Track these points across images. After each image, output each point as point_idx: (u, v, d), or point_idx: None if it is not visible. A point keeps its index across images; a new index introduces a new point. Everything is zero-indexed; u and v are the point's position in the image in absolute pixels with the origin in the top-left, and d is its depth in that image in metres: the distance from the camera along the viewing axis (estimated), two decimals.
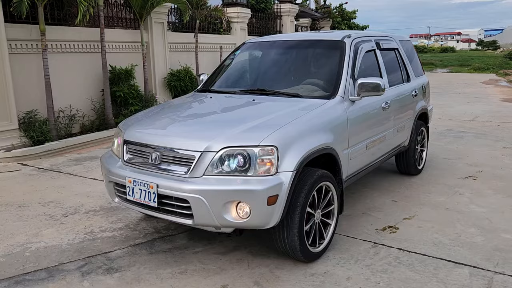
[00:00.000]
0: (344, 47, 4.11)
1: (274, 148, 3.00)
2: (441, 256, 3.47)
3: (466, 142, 7.54)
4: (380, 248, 3.63)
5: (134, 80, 9.16)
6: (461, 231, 3.94)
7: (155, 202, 3.11)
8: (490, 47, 75.09)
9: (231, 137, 3.07)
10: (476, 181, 5.35)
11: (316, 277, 3.20)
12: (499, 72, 24.19)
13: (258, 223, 2.99)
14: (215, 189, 2.94)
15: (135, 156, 3.41)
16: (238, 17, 12.85)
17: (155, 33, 9.94)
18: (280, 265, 3.36)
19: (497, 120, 9.64)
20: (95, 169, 6.25)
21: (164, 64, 10.31)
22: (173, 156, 3.15)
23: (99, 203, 4.80)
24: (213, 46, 12.05)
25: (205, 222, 3.02)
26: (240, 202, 2.95)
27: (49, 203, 4.86)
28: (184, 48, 11.14)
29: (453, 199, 4.76)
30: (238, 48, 4.87)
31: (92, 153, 7.31)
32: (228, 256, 3.53)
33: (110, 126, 8.54)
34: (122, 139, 3.54)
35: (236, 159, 3.00)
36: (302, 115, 3.38)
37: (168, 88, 10.38)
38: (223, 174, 3.01)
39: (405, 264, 3.36)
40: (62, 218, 4.41)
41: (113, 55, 8.92)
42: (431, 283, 3.09)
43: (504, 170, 5.83)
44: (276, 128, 3.12)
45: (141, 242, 3.82)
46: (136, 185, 3.19)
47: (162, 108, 4.05)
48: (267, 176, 2.97)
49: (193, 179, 3.03)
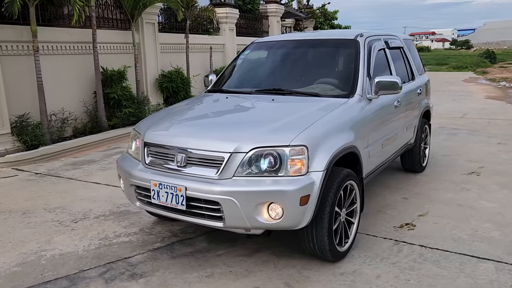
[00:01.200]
0: (358, 45, 4.12)
1: (305, 148, 2.97)
2: (464, 252, 3.51)
3: (461, 139, 7.68)
4: (402, 245, 3.65)
5: (126, 81, 9.00)
6: (477, 226, 3.99)
7: (183, 205, 3.04)
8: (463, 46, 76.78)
9: (260, 138, 3.03)
10: (480, 177, 5.45)
11: (346, 276, 3.19)
12: (477, 71, 24.79)
13: (290, 224, 2.96)
14: (247, 190, 2.89)
15: (157, 158, 3.33)
16: (227, 18, 12.78)
17: (146, 34, 9.79)
18: (307, 266, 3.34)
19: (485, 117, 9.85)
20: (95, 173, 6.11)
21: (155, 65, 10.16)
22: (201, 158, 3.09)
23: (108, 208, 4.68)
24: (203, 46, 11.96)
25: (236, 224, 2.98)
26: (272, 203, 2.91)
27: (54, 209, 4.71)
28: (175, 49, 11.02)
29: (462, 195, 4.83)
30: (246, 47, 4.83)
31: (89, 156, 7.15)
32: (253, 258, 3.49)
33: (103, 128, 8.38)
34: (141, 142, 3.46)
35: (267, 160, 2.96)
36: (326, 114, 3.37)
37: (160, 89, 10.24)
38: (253, 175, 2.97)
39: (430, 261, 3.38)
40: (72, 224, 4.28)
41: (104, 56, 8.74)
42: (460, 279, 3.12)
43: (503, 165, 5.95)
44: (304, 128, 3.10)
45: (160, 246, 3.74)
46: (162, 188, 3.11)
47: (179, 109, 3.97)
48: (298, 176, 2.94)
49: (223, 180, 2.97)
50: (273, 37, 4.87)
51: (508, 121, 9.33)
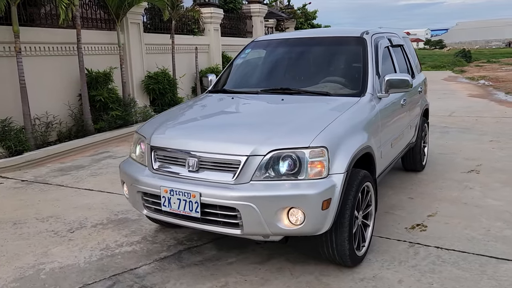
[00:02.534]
0: (365, 43, 4.02)
1: (325, 149, 2.84)
2: (480, 252, 3.44)
3: (453, 137, 7.70)
4: (418, 247, 3.56)
5: (112, 83, 8.71)
6: (488, 225, 3.94)
7: (197, 212, 2.87)
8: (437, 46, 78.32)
9: (278, 140, 2.88)
10: (480, 175, 5.43)
11: (366, 282, 3.07)
12: (454, 70, 25.22)
13: (311, 230, 2.82)
14: (267, 195, 2.74)
15: (166, 163, 3.15)
16: (211, 18, 12.58)
17: (132, 35, 9.52)
18: (324, 272, 3.21)
19: (472, 115, 9.94)
20: (86, 179, 5.85)
21: (141, 66, 9.90)
22: (215, 162, 2.93)
23: (105, 216, 4.45)
24: (188, 47, 11.72)
25: (255, 231, 2.82)
26: (293, 208, 2.77)
27: (47, 218, 4.45)
28: (160, 49, 10.76)
29: (467, 193, 4.79)
30: (246, 46, 4.67)
31: (76, 162, 6.87)
32: (266, 265, 3.34)
33: (89, 132, 8.08)
34: (147, 146, 3.27)
35: (286, 163, 2.82)
36: (341, 114, 3.25)
37: (146, 91, 9.97)
38: (271, 179, 2.82)
39: (449, 263, 3.29)
40: (69, 234, 4.05)
41: (89, 57, 8.44)
42: (483, 281, 3.04)
43: (500, 162, 5.96)
44: (322, 128, 2.97)
45: (167, 255, 3.54)
46: (174, 195, 2.93)
47: (184, 111, 3.78)
48: (319, 179, 2.81)
49: (240, 185, 2.82)
50: (274, 35, 4.74)
51: (495, 118, 9.43)
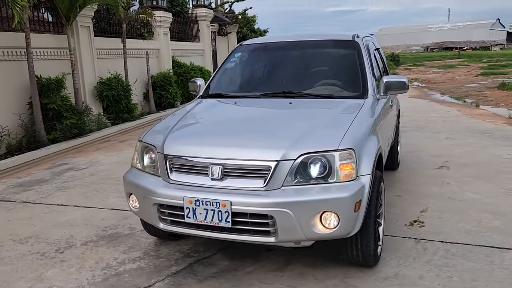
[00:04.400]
0: (359, 46, 4.10)
1: (352, 151, 2.84)
2: (482, 243, 3.62)
3: (412, 135, 8.10)
4: (424, 243, 3.67)
5: (65, 90, 8.16)
6: (478, 217, 4.16)
7: (228, 222, 2.74)
8: None
9: (306, 143, 2.84)
10: (450, 171, 5.74)
11: (391, 280, 3.11)
12: None
13: (344, 232, 2.80)
14: (303, 201, 2.69)
15: (185, 172, 2.97)
16: (161, 21, 12.21)
17: (82, 38, 8.98)
18: (347, 274, 3.20)
19: (420, 114, 10.52)
20: (54, 194, 5.41)
21: (92, 72, 9.37)
22: (242, 169, 2.82)
23: (92, 232, 4.13)
24: (139, 51, 11.29)
25: (290, 237, 2.75)
26: (326, 211, 2.73)
27: (26, 239, 4.05)
28: (111, 54, 10.26)
29: (446, 189, 5.04)
30: (235, 50, 4.57)
31: (34, 176, 6.33)
32: (287, 271, 3.27)
33: (42, 143, 7.50)
34: (159, 155, 3.07)
35: (317, 166, 2.79)
36: (356, 116, 3.27)
37: (99, 98, 9.46)
38: (302, 183, 2.78)
39: (459, 256, 3.43)
40: (58, 254, 3.70)
41: (38, 63, 7.83)
42: (495, 271, 3.19)
43: (463, 158, 6.35)
44: (345, 131, 2.97)
45: (179, 270, 3.35)
46: (200, 205, 2.78)
47: (188, 118, 3.57)
48: (349, 182, 2.80)
49: (272, 191, 2.74)
50: (263, 38, 4.70)
51: (442, 117, 10.06)
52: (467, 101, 12.59)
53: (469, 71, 24.41)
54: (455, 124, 9.16)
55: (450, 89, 15.96)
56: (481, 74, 21.73)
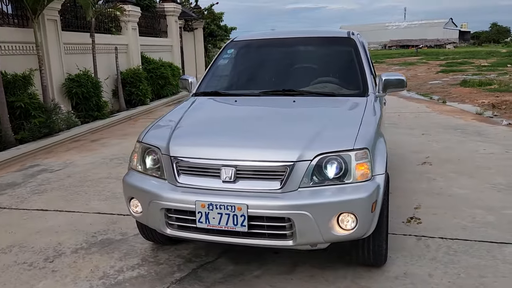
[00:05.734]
0: (355, 43, 4.07)
1: (367, 150, 2.80)
2: (481, 239, 3.68)
3: (389, 132, 8.12)
4: (425, 240, 3.69)
5: (33, 87, 7.72)
6: (471, 213, 4.24)
7: (243, 226, 2.62)
8: None
9: (321, 143, 2.76)
10: (433, 167, 5.85)
11: (401, 279, 3.09)
12: None
13: (361, 233, 2.75)
14: (322, 202, 2.61)
15: (193, 175, 2.83)
16: (129, 16, 11.80)
17: (49, 32, 8.51)
18: (356, 274, 3.16)
19: (391, 111, 10.64)
20: (30, 198, 5.09)
21: (60, 68, 8.91)
22: (256, 171, 2.71)
23: (81, 238, 3.90)
24: (107, 47, 10.85)
25: (308, 240, 2.67)
26: (343, 213, 2.67)
27: (9, 248, 3.77)
28: (79, 49, 9.80)
29: (434, 184, 5.12)
30: (227, 46, 4.43)
31: (4, 179, 5.95)
32: (296, 274, 3.19)
33: (9, 144, 7.06)
34: (165, 157, 2.90)
35: (333, 166, 2.72)
36: (363, 115, 3.22)
37: (68, 95, 9.01)
38: (318, 184, 2.70)
39: (461, 252, 3.46)
40: (48, 264, 3.46)
41: (2, 58, 7.37)
42: (499, 266, 3.24)
43: (443, 154, 6.49)
44: (357, 130, 2.92)
45: (183, 276, 3.20)
46: (213, 209, 2.65)
47: (188, 117, 3.39)
48: (365, 182, 2.75)
49: (288, 193, 2.65)
50: (256, 35, 4.55)
51: (413, 113, 10.30)
52: (433, 98, 12.96)
53: (429, 68, 25.20)
54: (427, 120, 9.39)
55: (415, 86, 16.38)
56: (441, 72, 22.46)
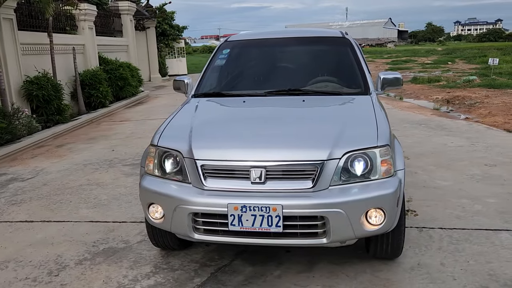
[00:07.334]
0: (351, 42, 4.17)
1: (389, 147, 2.89)
2: (476, 227, 3.90)
3: None
4: (427, 231, 3.86)
5: None
6: (460, 203, 4.47)
7: (279, 226, 2.62)
8: None
9: (347, 142, 2.81)
10: (412, 161, 6.10)
11: (417, 270, 3.21)
12: None
13: (387, 228, 2.83)
14: (354, 199, 2.67)
15: (220, 177, 2.78)
16: (86, 15, 11.31)
17: (5, 32, 7.98)
18: (374, 268, 3.25)
19: None
20: (8, 209, 4.78)
21: (18, 70, 8.38)
22: (286, 171, 2.71)
23: (81, 249, 3.71)
24: (65, 47, 10.34)
25: (342, 237, 2.72)
26: (372, 209, 2.74)
27: (4, 264, 3.52)
28: (36, 50, 9.26)
29: (417, 178, 5.35)
30: (221, 46, 4.38)
31: None
32: (316, 271, 3.22)
33: None
34: (189, 160, 2.83)
35: (360, 164, 2.78)
36: (375, 113, 3.32)
37: (27, 99, 8.50)
38: (347, 182, 2.75)
39: (463, 240, 3.65)
40: (54, 278, 3.27)
41: None
42: (501, 252, 3.45)
43: (416, 148, 6.78)
44: (375, 127, 3.01)
45: (203, 281, 3.14)
46: (247, 211, 2.62)
47: (202, 119, 3.31)
48: (389, 177, 2.84)
49: (320, 192, 2.68)
50: (250, 34, 4.51)
51: None
52: (390, 95, 13.50)
53: (377, 66, 26.22)
54: (391, 116, 9.51)
55: None
56: (389, 69, 23.49)
